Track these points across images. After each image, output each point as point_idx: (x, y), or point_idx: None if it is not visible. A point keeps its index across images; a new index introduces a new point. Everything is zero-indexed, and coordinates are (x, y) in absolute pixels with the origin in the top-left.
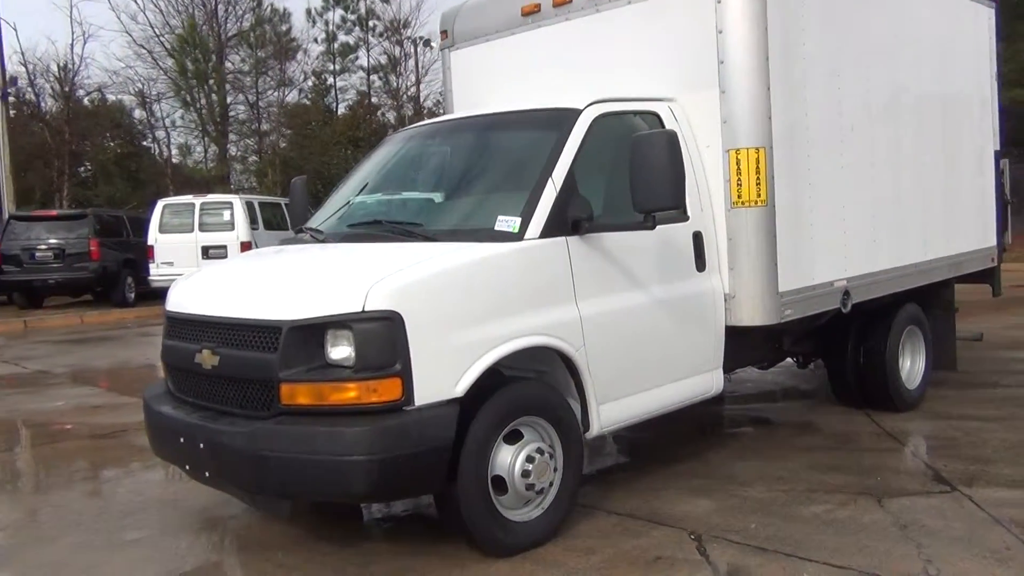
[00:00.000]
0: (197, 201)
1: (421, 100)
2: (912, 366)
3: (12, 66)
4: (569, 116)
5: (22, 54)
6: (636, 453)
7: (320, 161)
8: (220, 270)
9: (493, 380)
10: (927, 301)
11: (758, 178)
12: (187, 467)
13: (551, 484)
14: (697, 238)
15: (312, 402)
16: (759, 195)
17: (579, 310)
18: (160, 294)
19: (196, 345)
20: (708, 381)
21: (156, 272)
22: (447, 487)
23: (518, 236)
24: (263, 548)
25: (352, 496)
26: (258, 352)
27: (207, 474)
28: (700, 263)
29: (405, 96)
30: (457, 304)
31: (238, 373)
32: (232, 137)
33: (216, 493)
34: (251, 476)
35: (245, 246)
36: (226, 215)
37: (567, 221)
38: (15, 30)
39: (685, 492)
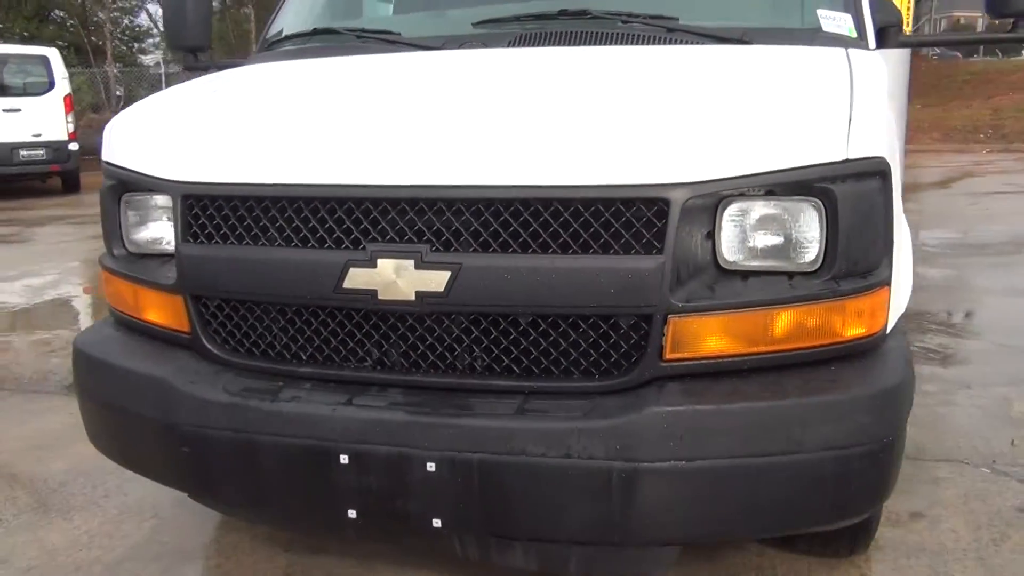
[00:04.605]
0: None
1: None
2: None
3: None
4: None
5: None
6: None
7: None
8: (329, 99)
9: None
10: None
11: None
12: (355, 513)
13: None
14: None
15: (732, 350)
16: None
17: None
18: None
19: (355, 254)
20: None
21: None
22: None
23: (859, 43)
24: None
25: (843, 518)
26: (596, 257)
27: (437, 521)
28: None
29: None
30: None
31: (524, 303)
32: None
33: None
34: (616, 517)
35: None
36: None
37: (874, 27)
38: None
39: None
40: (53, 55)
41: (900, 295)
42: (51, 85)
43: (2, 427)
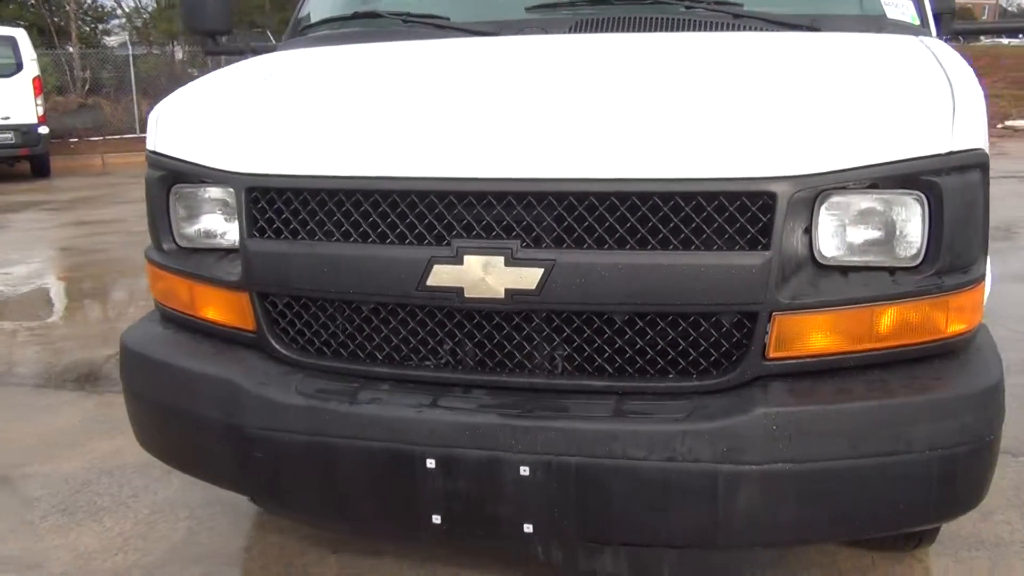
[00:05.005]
0: None
1: None
2: None
3: None
4: None
5: None
6: None
7: None
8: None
9: None
10: None
11: None
12: (440, 518)
13: None
14: None
15: (836, 348)
16: None
17: None
18: None
19: (440, 250)
20: None
21: None
22: None
23: (923, 30)
24: None
25: (945, 517)
26: (700, 253)
27: (529, 527)
28: None
29: None
30: None
31: (622, 301)
32: None
33: None
34: (720, 520)
35: None
36: None
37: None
38: None
39: None
40: (21, 36)
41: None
42: (19, 67)
43: (8, 424)
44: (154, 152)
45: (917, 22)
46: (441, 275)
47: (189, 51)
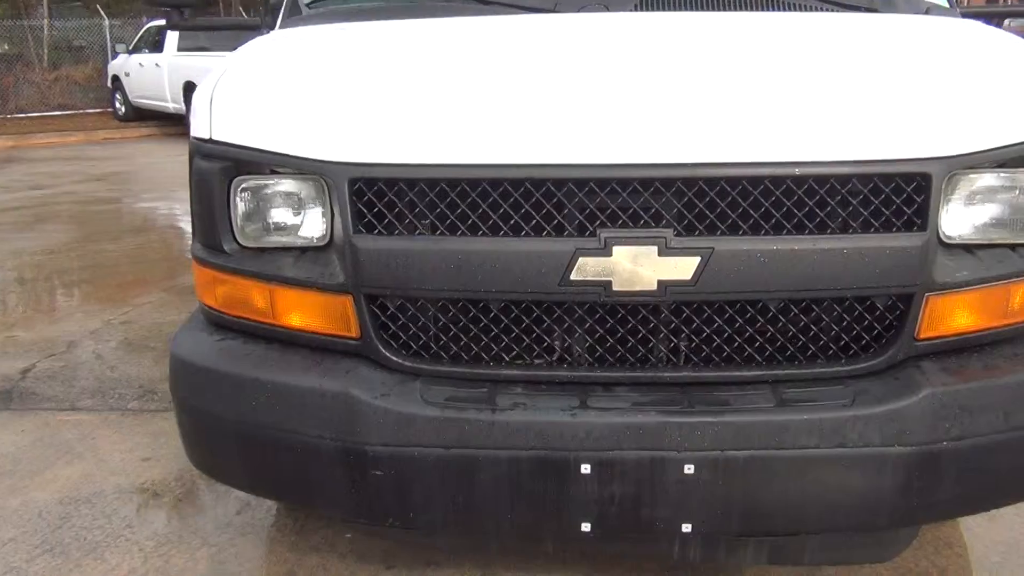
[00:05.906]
0: None
1: None
2: None
3: None
4: None
5: None
6: None
7: None
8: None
9: None
10: None
11: None
12: (590, 526)
13: None
14: None
15: (977, 325)
16: None
17: None
18: None
19: (585, 242)
20: None
21: None
22: None
23: (954, 12)
24: None
25: None
26: (861, 236)
27: (687, 526)
28: None
29: None
30: None
31: (780, 288)
32: None
33: None
34: (887, 502)
35: None
36: None
37: None
38: None
39: None
40: None
41: None
42: None
43: None
44: (211, 140)
45: (946, 5)
46: (587, 268)
47: None
